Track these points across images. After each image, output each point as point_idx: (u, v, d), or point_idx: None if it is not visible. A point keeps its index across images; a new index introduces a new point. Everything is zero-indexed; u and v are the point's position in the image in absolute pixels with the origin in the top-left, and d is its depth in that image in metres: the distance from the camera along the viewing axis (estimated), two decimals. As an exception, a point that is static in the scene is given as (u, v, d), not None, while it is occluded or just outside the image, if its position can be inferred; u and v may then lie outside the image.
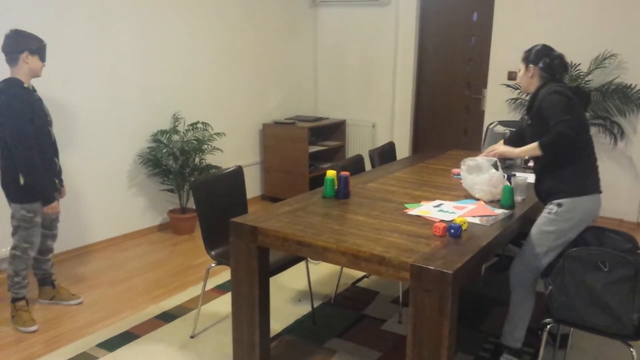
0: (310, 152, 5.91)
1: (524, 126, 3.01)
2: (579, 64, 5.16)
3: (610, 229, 2.65)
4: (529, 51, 2.86)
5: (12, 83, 3.10)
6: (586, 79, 5.10)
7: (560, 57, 2.82)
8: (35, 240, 3.29)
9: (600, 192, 2.73)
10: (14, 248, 3.27)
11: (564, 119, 2.56)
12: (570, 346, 3.12)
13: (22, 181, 3.14)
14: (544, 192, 2.80)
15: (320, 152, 6.37)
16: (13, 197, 3.20)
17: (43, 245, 3.44)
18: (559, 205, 2.69)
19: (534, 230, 2.78)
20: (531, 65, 2.82)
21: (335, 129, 6.55)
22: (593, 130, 5.28)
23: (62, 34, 4.10)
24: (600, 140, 5.31)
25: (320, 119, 6.34)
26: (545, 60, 2.79)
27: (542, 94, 2.73)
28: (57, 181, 3.39)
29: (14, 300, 3.32)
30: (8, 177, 3.18)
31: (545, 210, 2.76)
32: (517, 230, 2.83)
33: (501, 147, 2.98)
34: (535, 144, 2.67)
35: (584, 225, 2.71)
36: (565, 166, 2.69)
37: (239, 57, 5.68)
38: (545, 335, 2.54)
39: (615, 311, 2.31)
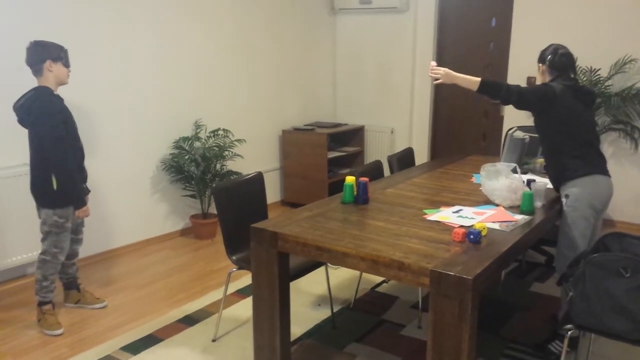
0: (329, 158, 5.95)
1: None
2: (599, 69, 5.13)
3: (631, 235, 2.64)
4: (542, 52, 3.21)
5: (43, 90, 3.18)
6: (606, 84, 5.07)
7: (564, 55, 3.11)
8: (65, 245, 3.36)
9: (600, 174, 3.02)
10: (43, 253, 3.33)
11: (522, 88, 2.99)
12: (591, 353, 3.10)
13: (55, 186, 3.21)
14: (553, 180, 3.17)
15: (339, 158, 6.40)
16: (45, 203, 3.27)
17: (69, 250, 3.50)
18: (567, 196, 3.04)
19: (562, 225, 3.06)
20: (540, 64, 3.19)
21: (354, 135, 6.58)
22: (613, 135, 5.24)
23: (85, 42, 4.19)
24: (620, 146, 5.27)
25: (339, 125, 6.37)
26: (550, 57, 3.12)
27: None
28: (84, 186, 3.47)
29: (41, 304, 3.39)
30: (40, 183, 3.24)
31: (562, 201, 3.08)
32: (537, 236, 2.83)
33: (447, 70, 3.15)
34: (477, 78, 3.02)
35: (599, 203, 3.01)
36: (562, 155, 3.05)
37: (259, 64, 5.74)
38: (566, 341, 2.53)
39: (637, 317, 2.29)
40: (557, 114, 3.01)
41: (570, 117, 3.02)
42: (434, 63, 3.18)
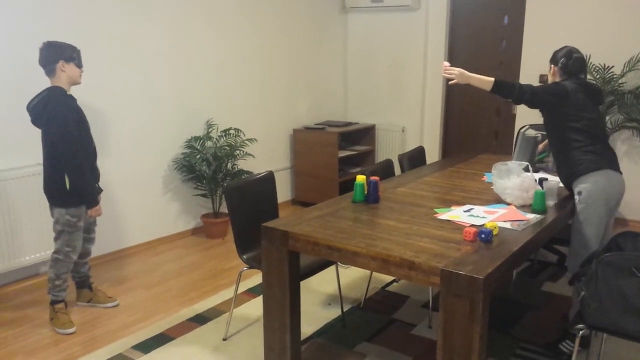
0: (340, 156, 5.94)
1: None
2: (612, 67, 5.08)
3: (644, 234, 2.62)
4: (555, 52, 3.22)
5: (56, 91, 3.20)
6: (620, 81, 5.02)
7: (578, 59, 3.14)
8: (77, 245, 3.38)
9: (613, 169, 3.01)
10: (56, 252, 3.36)
11: (535, 87, 3.01)
12: (603, 353, 3.08)
13: (68, 185, 3.24)
14: (564, 179, 3.15)
15: (350, 157, 6.40)
16: (58, 202, 3.29)
17: (81, 249, 3.53)
18: (579, 193, 3.02)
19: (574, 223, 3.05)
20: (552, 65, 3.22)
21: (365, 134, 6.57)
22: (626, 134, 5.20)
23: (97, 42, 4.22)
24: (634, 144, 5.22)
25: (349, 123, 6.37)
26: (563, 60, 3.15)
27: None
28: (97, 186, 3.49)
29: (53, 302, 3.42)
30: (53, 183, 3.26)
31: (575, 199, 3.06)
32: (549, 235, 2.81)
33: (461, 70, 3.17)
34: (491, 78, 3.04)
35: (612, 199, 3.00)
36: (573, 150, 3.04)
37: (270, 64, 5.75)
38: (577, 341, 2.51)
39: (650, 317, 2.28)
40: (568, 111, 3.03)
41: (581, 113, 3.03)
42: (447, 63, 3.20)
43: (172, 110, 4.84)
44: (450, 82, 3.18)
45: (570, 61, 3.12)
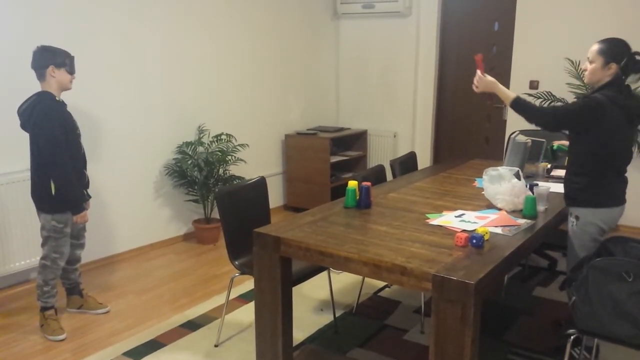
0: (332, 162, 5.95)
1: None
2: (602, 73, 5.11)
3: (634, 239, 2.63)
4: (609, 45, 2.75)
5: (45, 96, 3.19)
6: (610, 87, 5.05)
7: (637, 54, 2.74)
8: (64, 251, 3.36)
9: (619, 205, 2.87)
10: (43, 258, 3.34)
11: (556, 110, 2.78)
12: (595, 357, 3.09)
13: (53, 191, 3.22)
14: (567, 191, 2.96)
15: (342, 163, 6.40)
16: (44, 207, 3.28)
17: (71, 255, 3.51)
18: (577, 218, 2.88)
19: (569, 243, 2.96)
20: (613, 64, 2.73)
21: (357, 139, 6.58)
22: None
23: (89, 47, 4.20)
24: (624, 149, 5.25)
25: (341, 129, 6.38)
26: (626, 60, 2.72)
27: (586, 96, 2.82)
28: (85, 192, 3.47)
29: (43, 309, 3.40)
30: (39, 188, 3.25)
31: (569, 219, 2.94)
32: (540, 240, 2.83)
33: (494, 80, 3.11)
34: (513, 94, 2.91)
35: (609, 227, 2.87)
36: (587, 175, 2.83)
37: (262, 69, 5.75)
38: (569, 346, 2.52)
39: (640, 322, 2.28)
40: (596, 134, 2.75)
41: (612, 138, 2.75)
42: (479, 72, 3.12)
43: (164, 116, 4.83)
44: (477, 90, 3.14)
45: (632, 63, 2.72)
